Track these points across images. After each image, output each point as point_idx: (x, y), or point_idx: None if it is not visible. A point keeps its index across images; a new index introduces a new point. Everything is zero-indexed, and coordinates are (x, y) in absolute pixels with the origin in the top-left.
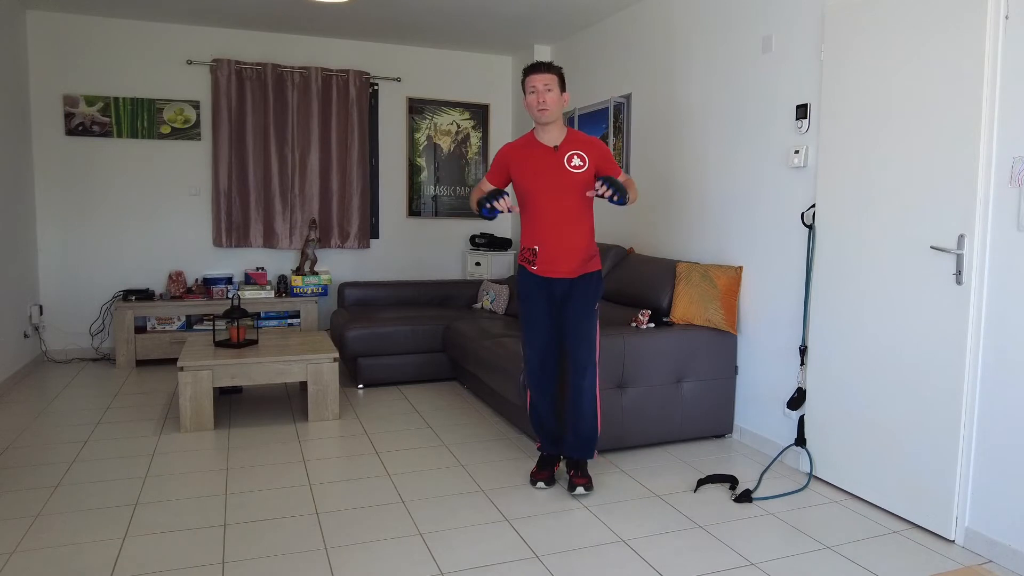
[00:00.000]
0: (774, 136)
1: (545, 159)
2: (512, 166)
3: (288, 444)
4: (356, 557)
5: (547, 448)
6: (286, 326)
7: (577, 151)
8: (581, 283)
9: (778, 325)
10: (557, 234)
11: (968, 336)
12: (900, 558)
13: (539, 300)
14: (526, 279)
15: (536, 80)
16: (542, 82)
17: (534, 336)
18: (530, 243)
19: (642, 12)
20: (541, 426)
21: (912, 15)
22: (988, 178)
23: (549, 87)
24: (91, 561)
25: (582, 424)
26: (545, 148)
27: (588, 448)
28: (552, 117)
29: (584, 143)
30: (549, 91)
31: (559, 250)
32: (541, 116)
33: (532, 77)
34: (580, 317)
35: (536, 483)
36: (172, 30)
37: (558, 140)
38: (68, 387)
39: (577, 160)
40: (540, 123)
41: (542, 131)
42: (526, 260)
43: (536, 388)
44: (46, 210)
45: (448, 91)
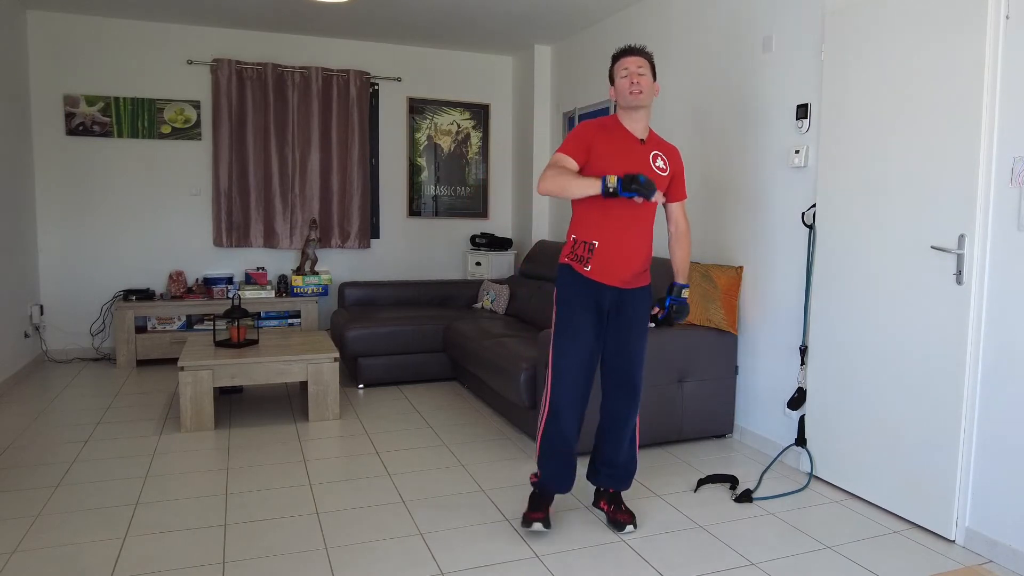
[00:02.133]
0: (774, 136)
1: (633, 150)
2: (597, 146)
3: (288, 444)
4: (356, 557)
5: (553, 484)
6: (286, 326)
7: (662, 153)
8: (637, 297)
9: (778, 325)
10: (621, 235)
11: (968, 336)
12: (900, 558)
13: (587, 307)
14: (572, 281)
15: (629, 62)
16: (636, 64)
17: (575, 348)
18: (588, 236)
19: (642, 12)
20: (558, 454)
21: (912, 15)
22: (988, 178)
23: (643, 71)
24: (91, 561)
25: (629, 454)
26: (633, 138)
27: (628, 478)
28: (646, 101)
29: (667, 148)
30: (643, 75)
31: (619, 253)
32: (635, 100)
33: (625, 59)
34: (638, 336)
35: (532, 524)
36: (172, 30)
37: (644, 133)
38: (68, 387)
39: (661, 163)
40: (631, 107)
41: (629, 118)
42: (576, 258)
43: (567, 406)
44: (47, 210)
45: (448, 91)
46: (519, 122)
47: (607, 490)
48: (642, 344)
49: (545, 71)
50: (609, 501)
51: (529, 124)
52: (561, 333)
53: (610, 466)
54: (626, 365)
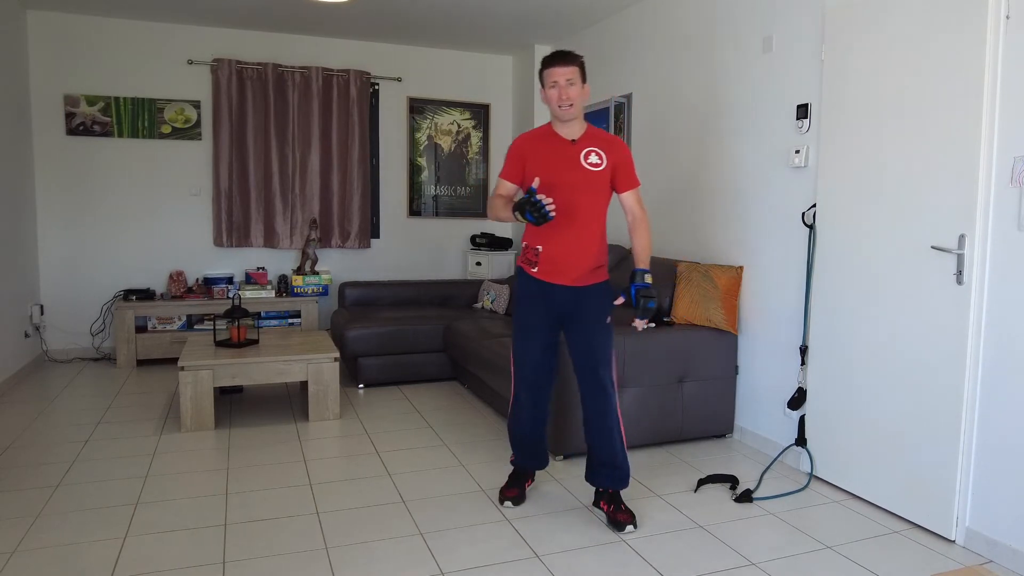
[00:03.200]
0: (775, 136)
1: (561, 152)
2: (528, 159)
3: (289, 444)
4: (356, 557)
5: (522, 461)
6: (287, 326)
7: (595, 148)
8: (591, 294)
9: (779, 325)
10: (564, 235)
11: (969, 336)
12: (901, 558)
13: (536, 307)
14: (524, 282)
15: (556, 74)
16: (564, 76)
17: (527, 346)
18: (533, 242)
19: (642, 12)
20: (520, 439)
21: (913, 15)
22: (989, 178)
23: (572, 81)
24: (92, 561)
25: (617, 452)
26: (562, 140)
27: (625, 477)
28: (576, 114)
29: (605, 141)
30: (572, 85)
31: (565, 253)
32: (564, 113)
33: (552, 70)
34: (595, 333)
35: (504, 501)
36: (173, 30)
37: (577, 134)
38: (69, 387)
39: (594, 157)
40: (562, 120)
41: (561, 124)
42: (527, 261)
43: (525, 400)
44: (47, 210)
45: (449, 91)
46: (519, 122)
47: (606, 490)
48: (604, 340)
49: None
50: (609, 501)
51: (529, 124)
52: (518, 332)
53: (606, 466)
54: (591, 363)
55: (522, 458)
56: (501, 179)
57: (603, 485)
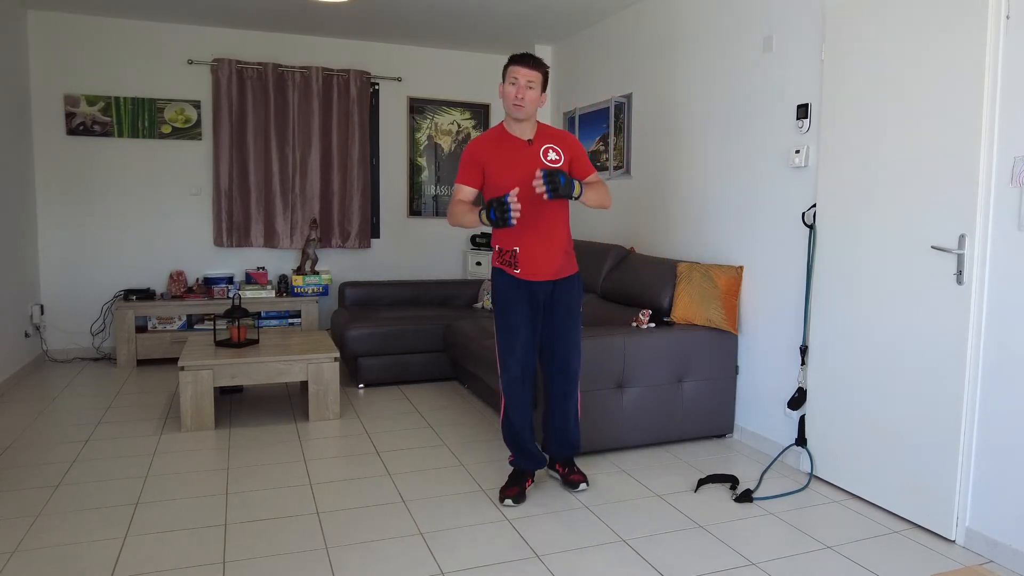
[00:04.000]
0: (775, 136)
1: (520, 152)
2: (487, 162)
3: (289, 444)
4: (357, 557)
5: (522, 463)
6: (287, 326)
7: (552, 145)
8: (565, 287)
9: (779, 325)
10: (537, 233)
11: (969, 336)
12: (901, 558)
13: (521, 306)
14: (505, 284)
15: (519, 73)
16: (525, 77)
17: (515, 345)
18: (508, 244)
19: (642, 12)
20: (516, 439)
21: (913, 15)
22: (989, 178)
23: (532, 84)
24: (92, 561)
25: (571, 427)
26: (519, 141)
27: (577, 444)
28: (526, 115)
29: (558, 137)
30: (530, 88)
31: (541, 250)
32: (515, 111)
33: (516, 68)
34: (570, 324)
35: (504, 500)
36: (173, 30)
37: (531, 134)
38: (69, 386)
39: (553, 154)
40: (513, 117)
41: (514, 125)
42: (505, 263)
43: (515, 399)
44: (47, 209)
45: (449, 91)
46: None
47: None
48: (577, 331)
49: None
50: (563, 464)
51: None
52: (504, 333)
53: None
54: (563, 351)
55: (521, 459)
56: (459, 184)
57: (560, 454)
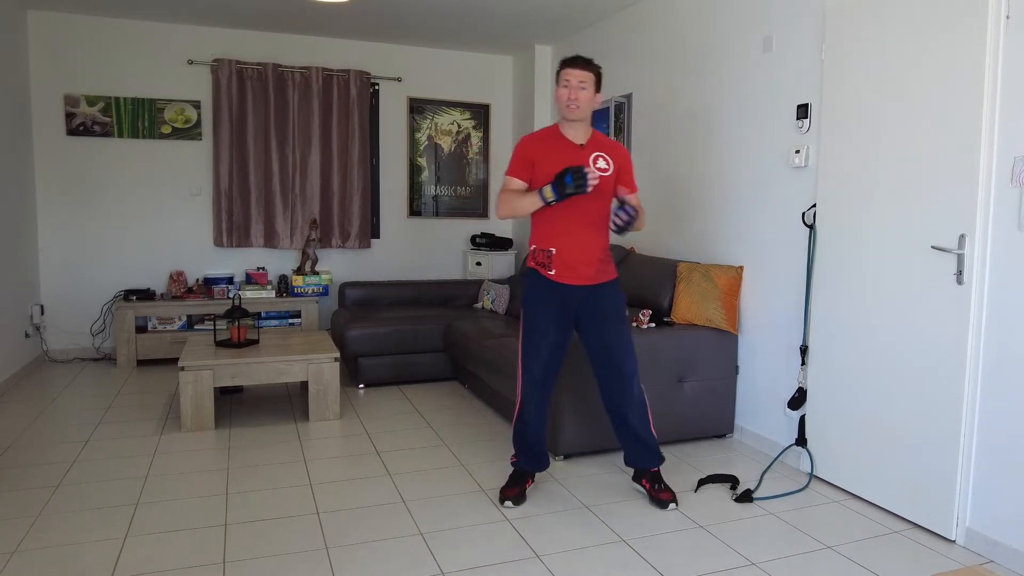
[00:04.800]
0: (775, 136)
1: (571, 155)
2: (537, 160)
3: (289, 444)
4: (357, 557)
5: (525, 464)
6: (287, 326)
7: (602, 153)
8: (602, 292)
9: (779, 325)
10: (577, 237)
11: (969, 336)
12: (901, 558)
13: (551, 307)
14: (537, 284)
15: (571, 75)
16: (577, 78)
17: (540, 346)
18: (545, 244)
19: (642, 12)
20: (525, 440)
21: (913, 15)
22: (989, 178)
23: (584, 85)
24: (92, 561)
25: (644, 433)
26: (571, 144)
27: (659, 453)
28: (581, 115)
29: (610, 147)
30: (583, 89)
31: (578, 254)
32: (569, 112)
33: (568, 71)
34: (618, 328)
35: (504, 501)
36: (173, 30)
37: (584, 139)
38: (69, 387)
39: (602, 163)
40: (567, 119)
41: (568, 126)
42: (539, 264)
43: (532, 400)
44: (47, 210)
45: (449, 91)
46: (519, 122)
47: (647, 469)
48: (624, 332)
49: (545, 71)
50: (650, 479)
51: (529, 124)
52: (529, 333)
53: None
54: (610, 355)
55: (526, 460)
56: (510, 176)
57: (641, 465)
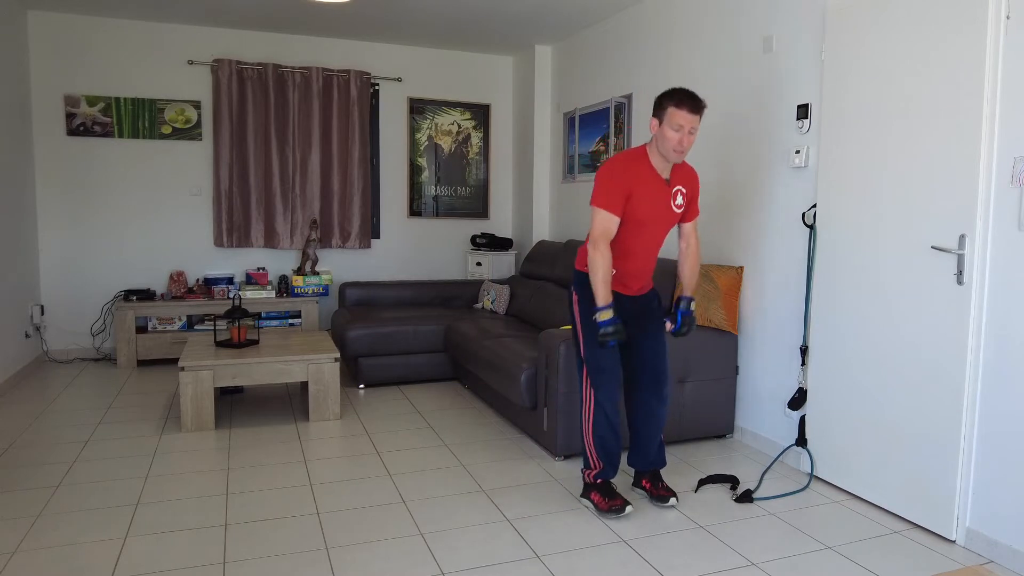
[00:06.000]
0: (775, 136)
1: (660, 192)
2: (631, 193)
3: (289, 444)
4: (357, 557)
5: (611, 472)
6: (287, 326)
7: (681, 187)
8: (649, 300)
9: (779, 325)
10: (639, 261)
11: (969, 336)
12: (901, 558)
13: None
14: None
15: (686, 119)
16: (690, 123)
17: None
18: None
19: (642, 12)
20: (609, 444)
21: (913, 15)
22: (989, 178)
23: (695, 130)
24: (92, 561)
25: (660, 434)
26: (660, 179)
27: (664, 455)
28: (682, 159)
29: (687, 178)
30: (692, 133)
31: (635, 272)
32: (675, 157)
33: (683, 113)
34: (657, 332)
35: (625, 508)
36: (173, 30)
37: (668, 173)
38: (69, 387)
39: (680, 199)
40: (669, 162)
41: (659, 161)
42: None
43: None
44: (47, 210)
45: (449, 91)
46: (520, 122)
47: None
48: (664, 335)
49: (545, 71)
50: (651, 479)
51: (530, 124)
52: (592, 333)
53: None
54: (659, 366)
55: (611, 467)
56: (610, 214)
57: (652, 467)
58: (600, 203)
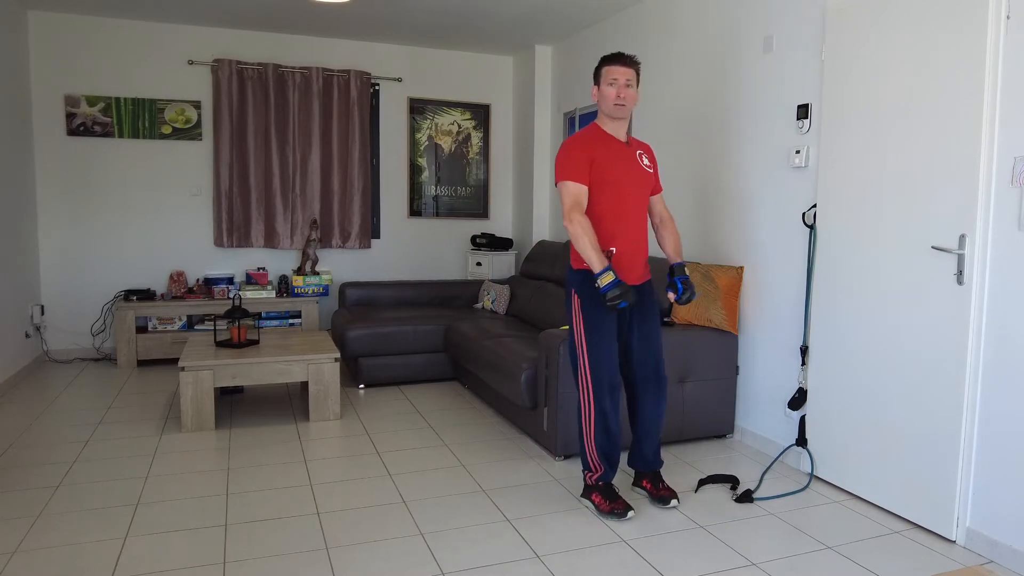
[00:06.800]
0: (775, 136)
1: (622, 152)
2: (594, 160)
3: (289, 444)
4: (357, 557)
5: (612, 475)
6: (287, 326)
7: (642, 151)
8: (647, 291)
9: (779, 325)
10: (632, 234)
11: (969, 336)
12: (901, 558)
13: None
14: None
15: (618, 72)
16: (624, 76)
17: (608, 348)
18: (605, 244)
19: (642, 12)
20: (610, 447)
21: (913, 15)
22: (989, 178)
23: (630, 82)
24: (92, 561)
25: (659, 434)
26: (618, 142)
27: (660, 455)
28: (626, 114)
29: (644, 146)
30: (629, 86)
31: (633, 251)
32: (617, 112)
33: (614, 68)
34: (656, 327)
35: (627, 512)
36: (173, 30)
37: (625, 136)
38: (69, 387)
39: (646, 160)
40: (613, 117)
41: (610, 124)
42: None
43: (610, 407)
44: (47, 210)
45: (449, 91)
46: (520, 122)
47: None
48: (660, 332)
49: (546, 71)
50: (651, 480)
51: (530, 124)
52: (592, 337)
53: (653, 447)
54: (655, 358)
55: (612, 470)
56: (577, 184)
57: (652, 468)
58: (564, 176)
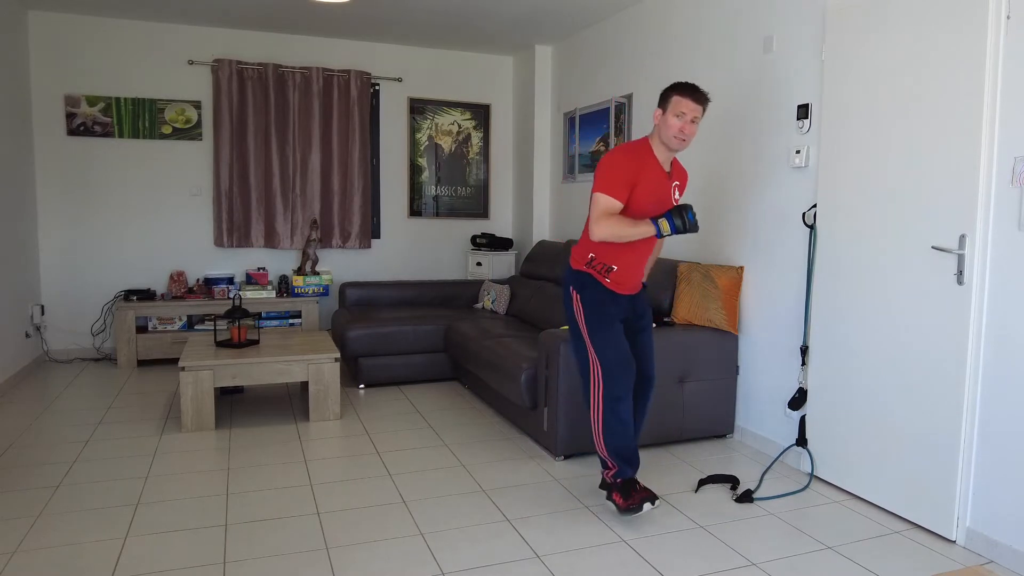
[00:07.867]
0: (775, 136)
1: (662, 184)
2: (637, 182)
3: (289, 444)
4: (357, 557)
5: (631, 470)
6: (287, 326)
7: (678, 183)
8: (642, 299)
9: (779, 325)
10: (636, 256)
11: (969, 336)
12: (901, 558)
13: (614, 307)
14: (595, 289)
15: (688, 107)
16: (693, 112)
17: (616, 340)
18: (609, 260)
19: (643, 12)
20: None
21: (913, 15)
22: (989, 178)
23: (696, 119)
24: (92, 561)
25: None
26: (662, 172)
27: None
28: (684, 148)
29: (682, 176)
30: (694, 122)
31: (633, 270)
32: (676, 144)
33: (686, 101)
34: (649, 332)
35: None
36: (173, 30)
37: (669, 165)
38: (69, 387)
39: (678, 193)
40: (669, 148)
41: (661, 151)
42: (598, 272)
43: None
44: (48, 210)
45: (449, 91)
46: (520, 122)
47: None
48: (653, 340)
49: (546, 71)
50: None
51: (530, 124)
52: (602, 329)
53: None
54: (648, 363)
55: (630, 467)
56: (613, 200)
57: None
58: (604, 189)
